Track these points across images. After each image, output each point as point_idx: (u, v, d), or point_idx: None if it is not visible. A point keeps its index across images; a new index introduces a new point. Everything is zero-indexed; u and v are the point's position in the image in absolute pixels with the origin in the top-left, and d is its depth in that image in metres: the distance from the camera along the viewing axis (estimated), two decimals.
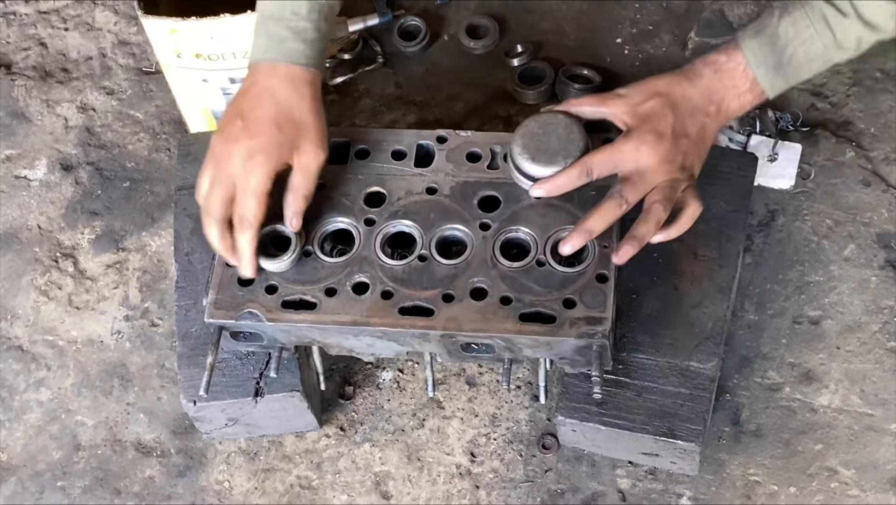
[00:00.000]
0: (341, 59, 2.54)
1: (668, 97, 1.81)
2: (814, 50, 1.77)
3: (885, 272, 2.14)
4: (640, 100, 1.81)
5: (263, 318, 1.81)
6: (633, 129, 1.79)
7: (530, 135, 1.85)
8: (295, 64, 1.84)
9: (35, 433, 2.18)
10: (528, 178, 1.85)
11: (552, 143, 1.83)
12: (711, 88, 1.81)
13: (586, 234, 1.78)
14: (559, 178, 1.82)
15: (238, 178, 1.80)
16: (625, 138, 1.79)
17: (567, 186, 1.82)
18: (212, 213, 1.82)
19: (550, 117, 1.86)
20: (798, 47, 1.77)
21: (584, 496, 2.01)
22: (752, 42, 1.79)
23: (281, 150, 1.81)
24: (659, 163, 1.78)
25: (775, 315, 2.12)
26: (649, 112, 1.80)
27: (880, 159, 2.26)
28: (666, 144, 1.78)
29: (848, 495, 1.96)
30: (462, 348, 1.82)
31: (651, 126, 1.79)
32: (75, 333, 2.27)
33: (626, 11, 2.53)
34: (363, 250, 1.86)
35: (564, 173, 1.81)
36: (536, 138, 1.84)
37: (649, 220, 1.77)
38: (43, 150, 2.50)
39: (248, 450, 2.11)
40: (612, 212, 1.77)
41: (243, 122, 1.82)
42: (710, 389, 1.88)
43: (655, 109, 1.80)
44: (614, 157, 1.79)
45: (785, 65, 1.79)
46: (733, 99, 1.82)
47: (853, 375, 2.06)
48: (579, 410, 1.89)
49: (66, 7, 2.69)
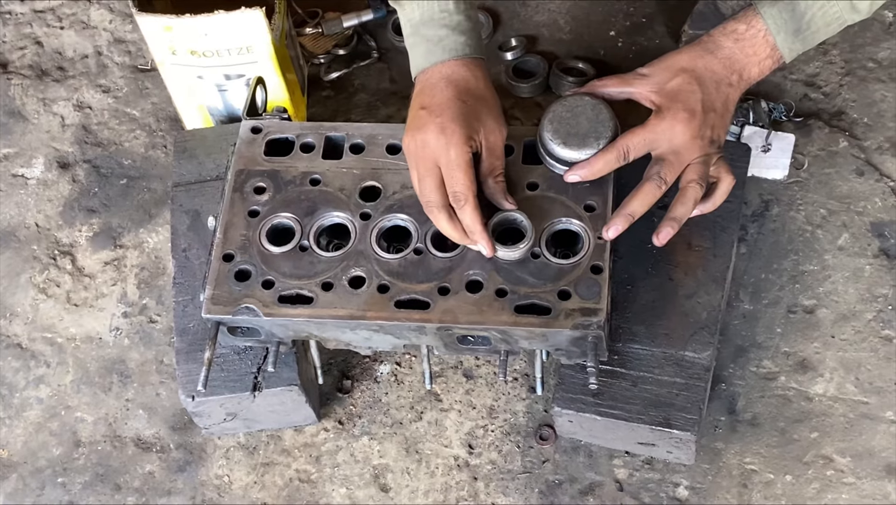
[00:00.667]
0: (336, 55, 2.55)
1: (693, 73, 1.80)
2: (831, 13, 1.78)
3: (879, 261, 2.15)
4: (666, 78, 1.81)
5: (260, 313, 1.82)
6: (664, 108, 1.79)
7: (559, 119, 1.84)
8: (460, 56, 1.85)
9: (35, 430, 2.19)
10: (561, 162, 1.85)
11: (582, 125, 1.82)
12: (733, 58, 1.81)
13: (629, 217, 1.78)
14: (596, 161, 1.81)
15: (439, 157, 1.79)
16: (658, 118, 1.79)
17: (605, 170, 1.82)
18: (432, 203, 1.80)
19: (576, 100, 1.85)
20: (817, 11, 1.77)
21: (582, 486, 2.02)
22: (771, 9, 1.78)
23: (469, 121, 1.81)
24: (692, 139, 1.78)
25: (770, 305, 2.13)
26: (678, 89, 1.79)
27: (873, 149, 2.26)
28: (697, 121, 1.78)
29: (843, 483, 1.97)
30: (458, 341, 1.83)
31: (682, 104, 1.78)
32: (74, 330, 2.28)
33: (620, 4, 2.54)
34: (359, 244, 1.87)
35: (601, 157, 1.80)
36: (566, 123, 1.83)
37: (687, 201, 1.78)
38: (40, 148, 2.51)
39: (247, 444, 2.12)
40: (652, 193, 1.78)
41: (426, 109, 1.82)
42: (706, 379, 1.89)
43: (683, 86, 1.79)
44: (649, 137, 1.79)
45: (804, 30, 1.79)
46: (754, 66, 1.82)
47: (848, 364, 2.07)
48: (576, 401, 1.90)
49: (61, 6, 2.70)
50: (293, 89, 2.35)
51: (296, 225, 1.89)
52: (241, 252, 1.88)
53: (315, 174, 1.94)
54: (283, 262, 1.86)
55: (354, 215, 1.89)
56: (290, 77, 2.33)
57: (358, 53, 2.55)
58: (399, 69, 2.52)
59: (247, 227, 1.90)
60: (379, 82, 2.51)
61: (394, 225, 1.89)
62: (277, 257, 1.87)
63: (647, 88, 1.81)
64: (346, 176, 1.94)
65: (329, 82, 2.52)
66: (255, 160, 1.97)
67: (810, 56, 2.38)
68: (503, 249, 1.80)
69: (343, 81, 2.52)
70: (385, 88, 2.50)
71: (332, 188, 1.92)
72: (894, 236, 2.17)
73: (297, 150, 1.97)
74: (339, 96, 2.49)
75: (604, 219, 1.83)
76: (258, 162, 1.97)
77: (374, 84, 2.51)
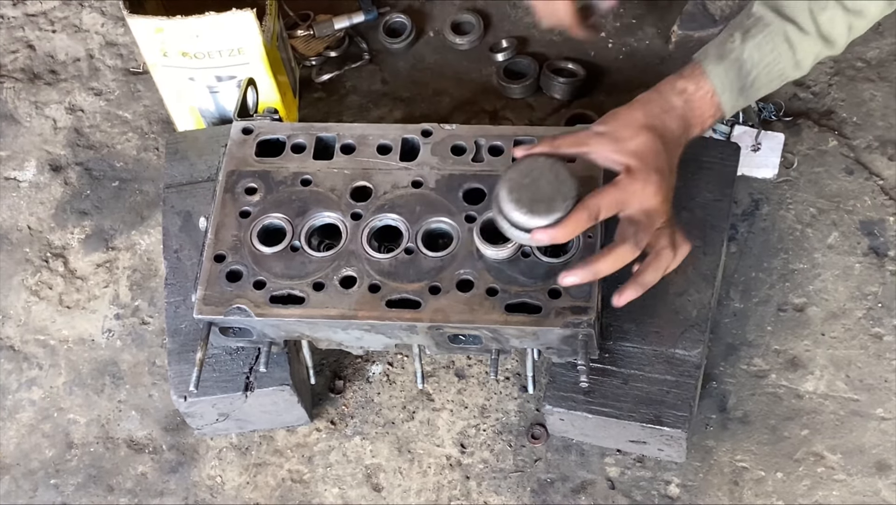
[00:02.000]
0: (328, 57, 2.55)
1: (655, 131, 1.75)
2: (776, 71, 1.76)
3: (869, 259, 2.16)
4: (628, 135, 1.74)
5: (252, 313, 1.83)
6: (634, 168, 1.71)
7: (518, 187, 1.72)
8: None
9: (28, 432, 2.19)
10: (526, 231, 1.73)
11: (544, 189, 1.71)
12: (685, 118, 1.78)
13: (593, 274, 1.72)
14: (567, 225, 1.70)
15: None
16: (630, 178, 1.71)
17: (576, 232, 1.72)
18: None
19: (530, 163, 1.75)
20: (762, 70, 1.76)
21: (574, 485, 2.02)
22: (717, 68, 1.76)
23: None
24: (662, 202, 1.73)
25: (760, 303, 2.14)
26: (644, 149, 1.73)
27: (862, 147, 2.27)
28: (666, 183, 1.74)
29: (834, 480, 1.98)
30: (449, 340, 1.83)
31: (652, 164, 1.72)
32: (66, 333, 2.28)
33: None
34: (350, 244, 1.87)
35: (572, 218, 1.70)
36: (525, 189, 1.71)
37: (659, 267, 1.75)
38: (32, 151, 2.51)
39: (239, 445, 2.12)
40: (624, 257, 1.72)
41: None
42: (696, 376, 1.90)
43: (650, 146, 1.73)
44: (621, 198, 1.71)
45: (748, 88, 1.77)
46: (698, 126, 1.80)
47: (838, 361, 2.07)
48: (567, 399, 1.91)
49: (53, 9, 2.70)
50: (285, 91, 2.36)
51: (287, 225, 1.90)
52: (232, 253, 1.88)
53: (306, 175, 1.94)
54: (274, 262, 1.87)
55: (345, 215, 1.90)
56: (281, 79, 2.33)
57: (349, 55, 2.56)
58: (391, 71, 2.53)
59: (238, 227, 1.90)
60: (370, 84, 2.52)
61: (385, 225, 1.89)
62: (269, 258, 1.87)
63: (609, 148, 1.74)
64: (337, 176, 1.94)
65: (320, 84, 2.52)
66: (246, 161, 1.97)
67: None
68: (491, 249, 1.81)
69: (334, 83, 2.53)
70: (377, 90, 2.50)
71: (323, 188, 1.93)
72: (883, 235, 2.18)
73: (288, 151, 1.98)
74: (331, 98, 2.50)
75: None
76: (249, 163, 1.97)
77: (366, 86, 2.51)
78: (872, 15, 1.74)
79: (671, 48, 2.45)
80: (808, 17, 1.72)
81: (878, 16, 1.75)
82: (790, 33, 1.73)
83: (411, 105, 2.47)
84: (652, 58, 2.46)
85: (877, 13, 1.74)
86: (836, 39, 1.75)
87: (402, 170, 1.94)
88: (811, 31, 1.72)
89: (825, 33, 1.73)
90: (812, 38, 1.73)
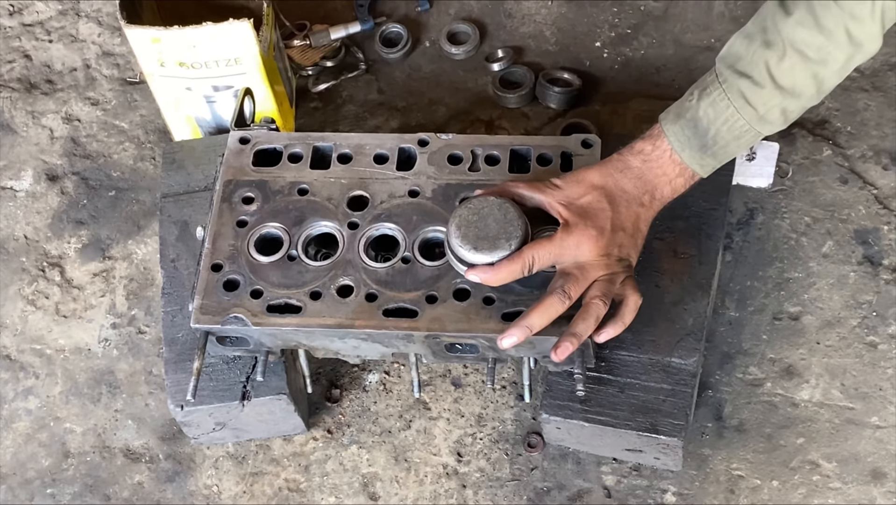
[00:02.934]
0: (324, 67, 2.56)
1: (604, 190, 1.80)
2: (738, 127, 1.76)
3: (864, 268, 2.16)
4: (578, 193, 1.80)
5: (249, 322, 1.83)
6: (571, 223, 1.77)
7: (466, 224, 1.78)
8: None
9: (24, 441, 2.19)
10: (467, 266, 1.80)
11: (491, 228, 1.77)
12: (643, 178, 1.81)
13: (526, 330, 1.75)
14: (500, 269, 1.76)
15: None
16: (566, 232, 1.77)
17: (507, 279, 1.77)
18: None
19: (482, 202, 1.80)
20: (721, 126, 1.76)
21: (570, 493, 2.03)
22: (673, 126, 1.78)
23: None
24: (598, 256, 1.77)
25: (756, 311, 2.14)
26: (587, 206, 1.79)
27: (857, 157, 2.28)
28: (605, 239, 1.78)
29: (830, 488, 1.98)
30: (446, 349, 1.84)
31: (591, 221, 1.77)
32: (63, 342, 2.29)
33: (605, 15, 2.55)
34: (347, 254, 1.88)
35: (506, 265, 1.76)
36: (473, 226, 1.78)
37: (589, 317, 1.76)
38: (28, 160, 2.51)
39: (236, 454, 2.12)
40: (554, 308, 1.75)
41: None
42: (692, 385, 1.90)
43: (594, 203, 1.79)
44: (555, 251, 1.77)
45: (711, 145, 1.78)
46: (665, 185, 1.81)
47: (833, 370, 2.08)
48: (563, 408, 1.91)
49: (49, 19, 2.70)
50: (281, 101, 2.36)
51: (284, 235, 1.90)
52: (229, 262, 1.89)
53: (303, 184, 1.95)
54: (271, 271, 1.87)
55: (342, 225, 1.90)
56: (278, 89, 2.34)
57: (346, 65, 2.57)
58: (387, 80, 2.54)
59: (235, 237, 1.91)
60: (367, 94, 2.52)
61: (381, 234, 1.90)
62: (266, 267, 1.88)
63: (557, 200, 1.79)
64: (333, 186, 1.95)
65: (317, 94, 2.53)
66: (243, 170, 1.98)
67: None
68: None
69: (331, 93, 2.53)
70: (373, 100, 2.51)
71: (320, 198, 1.93)
72: (878, 243, 2.18)
73: (285, 161, 1.99)
74: (327, 108, 2.51)
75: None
76: (246, 172, 1.98)
77: (362, 95, 2.52)
78: (839, 63, 1.71)
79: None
80: (764, 70, 1.71)
81: (845, 63, 1.71)
82: (744, 88, 1.73)
83: (407, 115, 2.48)
84: (647, 67, 2.47)
85: (843, 60, 1.71)
86: (802, 90, 1.73)
87: (399, 179, 1.94)
88: (766, 83, 1.72)
89: (784, 85, 1.72)
90: (769, 91, 1.72)
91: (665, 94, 2.41)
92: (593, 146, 1.94)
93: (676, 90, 2.39)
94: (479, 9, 2.60)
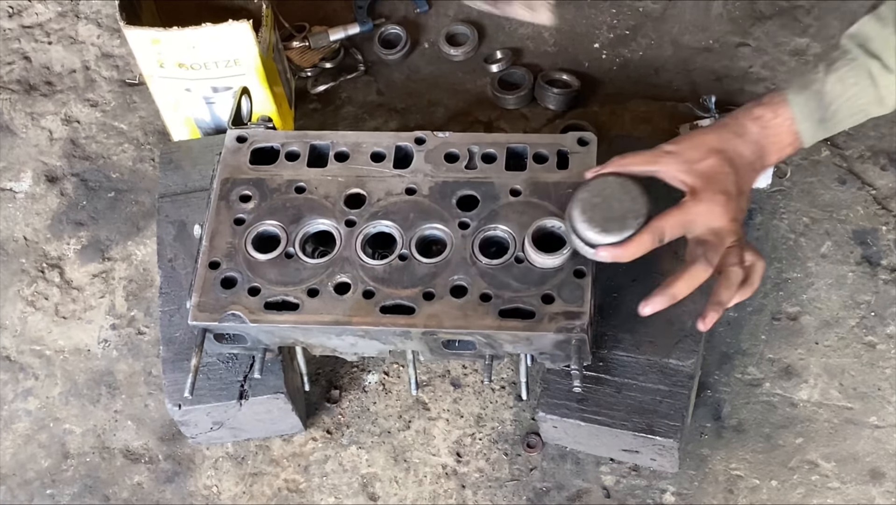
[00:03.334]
0: (323, 68, 2.56)
1: (724, 154, 1.75)
2: (857, 105, 1.75)
3: (862, 268, 2.16)
4: (697, 157, 1.75)
5: (246, 319, 1.83)
6: (699, 190, 1.73)
7: (590, 207, 1.75)
8: None
9: (24, 442, 2.19)
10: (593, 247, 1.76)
11: (615, 208, 1.74)
12: (759, 144, 1.77)
13: (671, 298, 1.73)
14: (630, 245, 1.73)
15: None
16: (695, 200, 1.73)
17: (639, 252, 1.74)
18: None
19: (601, 183, 1.77)
20: (843, 103, 1.75)
21: (569, 493, 2.02)
22: (798, 97, 1.76)
23: None
24: (729, 222, 1.74)
25: (754, 312, 2.14)
26: (711, 171, 1.74)
27: (855, 157, 2.28)
28: (733, 203, 1.74)
29: (828, 488, 1.98)
30: (443, 345, 1.84)
31: (718, 186, 1.73)
32: (62, 343, 2.29)
33: (604, 16, 2.56)
34: (344, 251, 1.88)
35: (637, 240, 1.73)
36: (598, 208, 1.75)
37: (731, 284, 1.75)
38: (28, 162, 2.52)
39: (235, 455, 2.12)
40: (699, 276, 1.73)
41: None
42: (689, 386, 1.90)
43: (716, 168, 1.74)
44: (686, 220, 1.73)
45: (828, 119, 1.77)
46: (774, 153, 1.79)
47: (832, 370, 2.08)
48: (560, 407, 1.91)
49: (49, 21, 2.71)
50: (280, 102, 2.37)
51: (281, 232, 1.91)
52: (227, 260, 1.89)
53: (300, 182, 1.95)
54: (268, 269, 1.87)
55: (339, 222, 1.91)
56: (277, 90, 2.34)
57: (345, 67, 2.57)
58: (386, 82, 2.54)
59: (233, 234, 1.91)
60: (366, 95, 2.53)
61: (379, 231, 1.90)
62: (263, 264, 1.88)
63: (677, 168, 1.75)
64: (331, 184, 1.95)
65: (316, 95, 2.53)
66: (240, 169, 1.98)
67: (793, 68, 2.40)
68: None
69: (330, 94, 2.53)
70: (372, 101, 2.51)
71: (317, 196, 1.94)
72: (876, 244, 2.18)
73: (283, 159, 1.99)
74: (327, 109, 2.51)
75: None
76: (243, 171, 1.98)
77: (361, 97, 2.52)
78: None
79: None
80: (893, 55, 1.71)
81: None
82: (874, 70, 1.72)
83: (406, 116, 2.48)
84: (646, 69, 2.47)
85: None
86: None
87: (396, 177, 1.94)
88: (894, 68, 1.71)
89: None
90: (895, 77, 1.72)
91: (663, 94, 2.42)
92: (589, 144, 1.94)
93: (675, 91, 2.42)
94: (477, 10, 2.60)
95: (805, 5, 2.48)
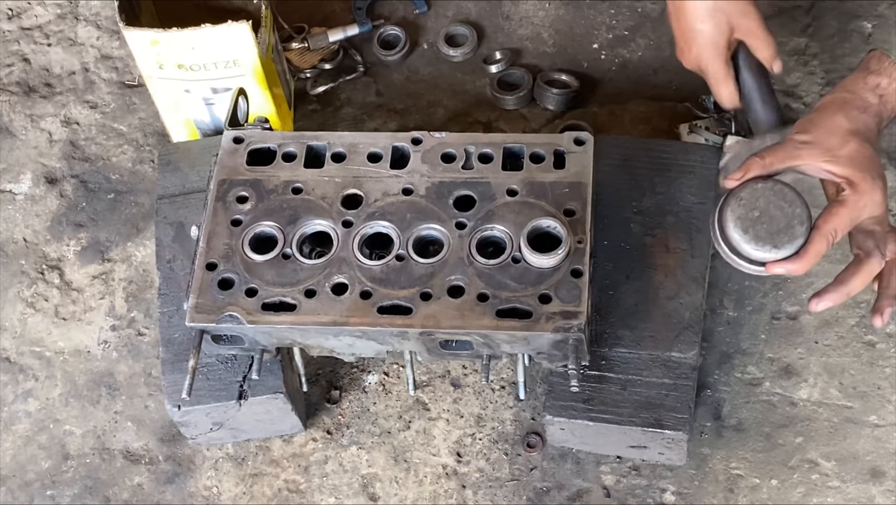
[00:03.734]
0: (322, 69, 2.56)
1: (861, 135, 1.69)
2: None
3: None
4: (837, 143, 1.69)
5: (244, 320, 1.83)
6: (856, 180, 1.67)
7: (750, 223, 1.68)
8: None
9: (24, 443, 2.20)
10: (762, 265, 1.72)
11: (777, 218, 1.68)
12: (880, 115, 1.73)
13: (845, 295, 1.70)
14: (806, 257, 1.67)
15: None
16: (855, 192, 1.67)
17: (815, 262, 1.68)
18: None
19: (750, 192, 1.69)
20: None
21: (570, 493, 2.02)
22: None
23: None
24: (884, 206, 1.70)
25: (754, 311, 2.14)
26: (858, 157, 1.68)
27: None
28: (885, 186, 1.70)
29: (829, 487, 1.98)
30: (441, 346, 1.84)
31: (870, 171, 1.67)
32: (62, 344, 2.29)
33: (602, 17, 2.55)
34: (341, 252, 1.88)
35: (811, 252, 1.67)
36: (759, 222, 1.68)
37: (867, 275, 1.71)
38: (27, 164, 2.52)
39: (235, 455, 2.13)
40: (873, 270, 1.69)
41: None
42: (693, 378, 1.90)
43: (861, 151, 1.68)
44: (854, 216, 1.68)
45: None
46: (885, 119, 1.75)
47: (832, 369, 2.07)
48: (567, 408, 1.91)
49: (48, 23, 2.71)
50: (280, 103, 2.37)
51: (278, 233, 1.90)
52: (224, 261, 1.89)
53: (297, 183, 1.95)
54: (266, 270, 1.87)
55: (336, 223, 1.90)
56: (276, 91, 2.34)
57: (344, 68, 2.57)
58: (385, 83, 2.54)
59: (230, 236, 1.91)
60: (365, 96, 2.53)
61: (376, 232, 1.90)
62: (260, 265, 1.88)
63: (821, 158, 1.69)
64: (328, 184, 1.95)
65: (315, 96, 2.53)
66: (237, 170, 1.98)
67: (791, 67, 2.39)
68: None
69: (329, 95, 2.53)
70: (371, 102, 2.51)
71: (314, 197, 1.93)
72: None
73: (279, 160, 1.99)
74: (326, 110, 2.51)
75: (583, 223, 1.83)
76: (240, 172, 1.98)
77: (361, 98, 2.52)
78: None
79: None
80: None
81: None
82: None
83: (405, 117, 2.48)
84: (645, 69, 2.47)
85: None
86: None
87: (393, 178, 1.94)
88: None
89: None
90: None
91: (663, 95, 2.42)
92: (586, 144, 1.93)
93: (674, 91, 2.42)
94: (476, 11, 2.61)
95: (803, 5, 2.48)
